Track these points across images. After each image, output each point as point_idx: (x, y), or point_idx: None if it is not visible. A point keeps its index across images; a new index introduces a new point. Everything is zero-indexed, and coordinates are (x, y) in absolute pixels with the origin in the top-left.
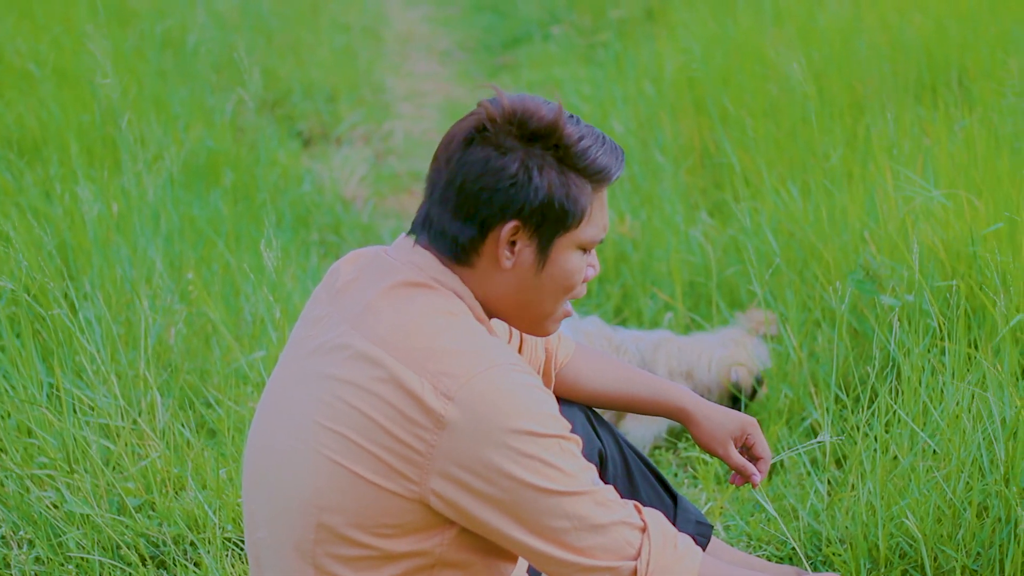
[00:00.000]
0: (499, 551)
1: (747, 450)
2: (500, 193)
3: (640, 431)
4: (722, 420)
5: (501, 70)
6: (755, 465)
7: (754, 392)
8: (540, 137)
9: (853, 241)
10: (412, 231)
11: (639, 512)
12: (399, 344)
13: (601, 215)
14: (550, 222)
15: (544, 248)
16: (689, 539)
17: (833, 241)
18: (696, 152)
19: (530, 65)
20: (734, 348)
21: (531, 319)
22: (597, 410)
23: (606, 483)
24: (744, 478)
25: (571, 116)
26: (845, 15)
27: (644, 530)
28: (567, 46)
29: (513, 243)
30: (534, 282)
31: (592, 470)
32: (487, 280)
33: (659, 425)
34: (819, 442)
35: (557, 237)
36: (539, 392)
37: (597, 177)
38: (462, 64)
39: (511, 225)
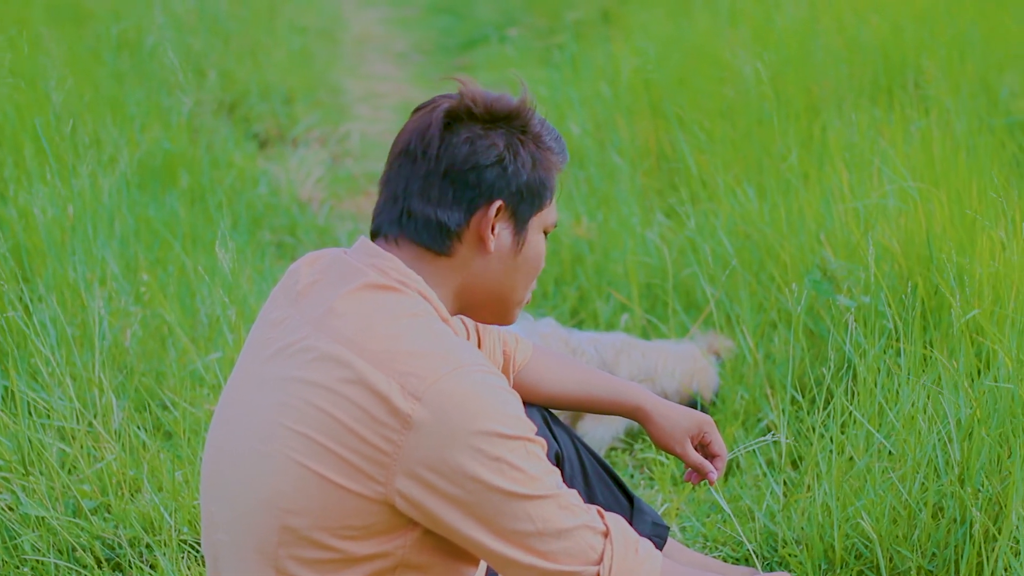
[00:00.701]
0: (461, 554)
1: (703, 448)
2: (489, 171)
3: (598, 432)
4: (679, 419)
5: (458, 72)
6: (712, 463)
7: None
8: (510, 119)
9: (809, 242)
10: (379, 233)
11: (602, 517)
12: (366, 345)
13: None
14: (528, 201)
15: (520, 229)
16: (649, 544)
17: (789, 242)
18: (652, 154)
19: (487, 67)
20: (693, 362)
21: (502, 307)
22: (554, 411)
23: None
24: (701, 476)
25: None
26: (801, 17)
27: (607, 535)
28: (524, 48)
29: (493, 227)
30: (511, 266)
31: (556, 473)
32: (465, 269)
33: (616, 426)
34: (773, 439)
35: (532, 217)
36: (506, 394)
37: (558, 159)
38: (419, 66)
39: (497, 205)
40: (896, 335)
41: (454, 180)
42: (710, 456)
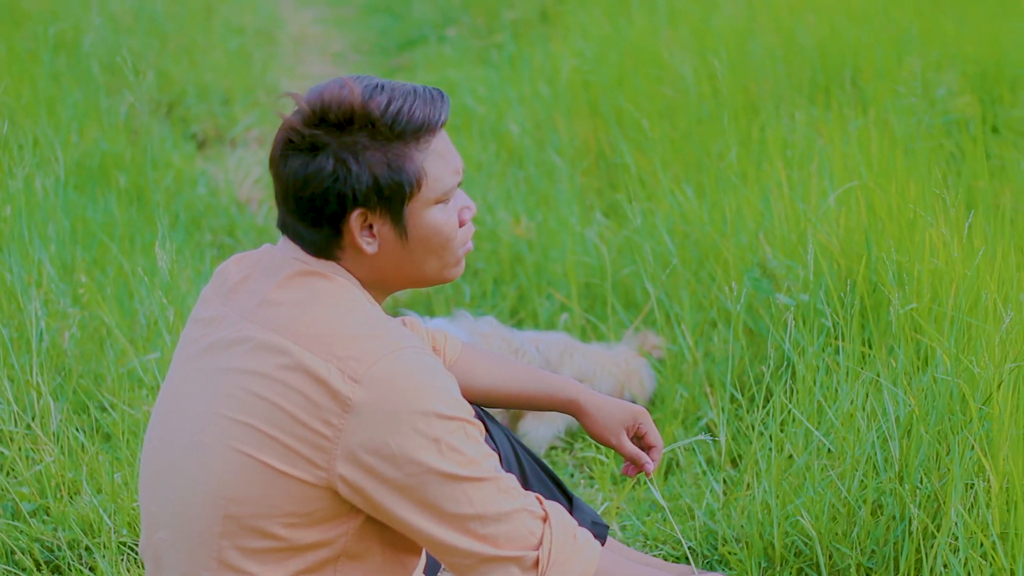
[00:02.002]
0: (403, 543)
1: (639, 440)
2: (329, 192)
3: (539, 431)
4: (613, 411)
5: (396, 72)
6: (648, 454)
7: None
8: (348, 122)
9: (749, 240)
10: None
11: (540, 503)
12: (302, 331)
13: (443, 164)
14: (392, 195)
15: (398, 220)
16: (588, 532)
17: (729, 241)
18: (592, 153)
19: (425, 67)
20: (627, 365)
21: (426, 278)
22: (491, 411)
23: None
24: (638, 467)
25: (376, 86)
26: (739, 17)
27: (545, 520)
28: (462, 48)
29: (371, 226)
30: (405, 252)
31: (494, 457)
32: (363, 267)
33: (557, 425)
34: (712, 439)
35: (405, 207)
36: (444, 375)
37: (419, 134)
38: (357, 66)
39: (356, 214)
40: (835, 333)
41: (302, 203)
42: (646, 447)
